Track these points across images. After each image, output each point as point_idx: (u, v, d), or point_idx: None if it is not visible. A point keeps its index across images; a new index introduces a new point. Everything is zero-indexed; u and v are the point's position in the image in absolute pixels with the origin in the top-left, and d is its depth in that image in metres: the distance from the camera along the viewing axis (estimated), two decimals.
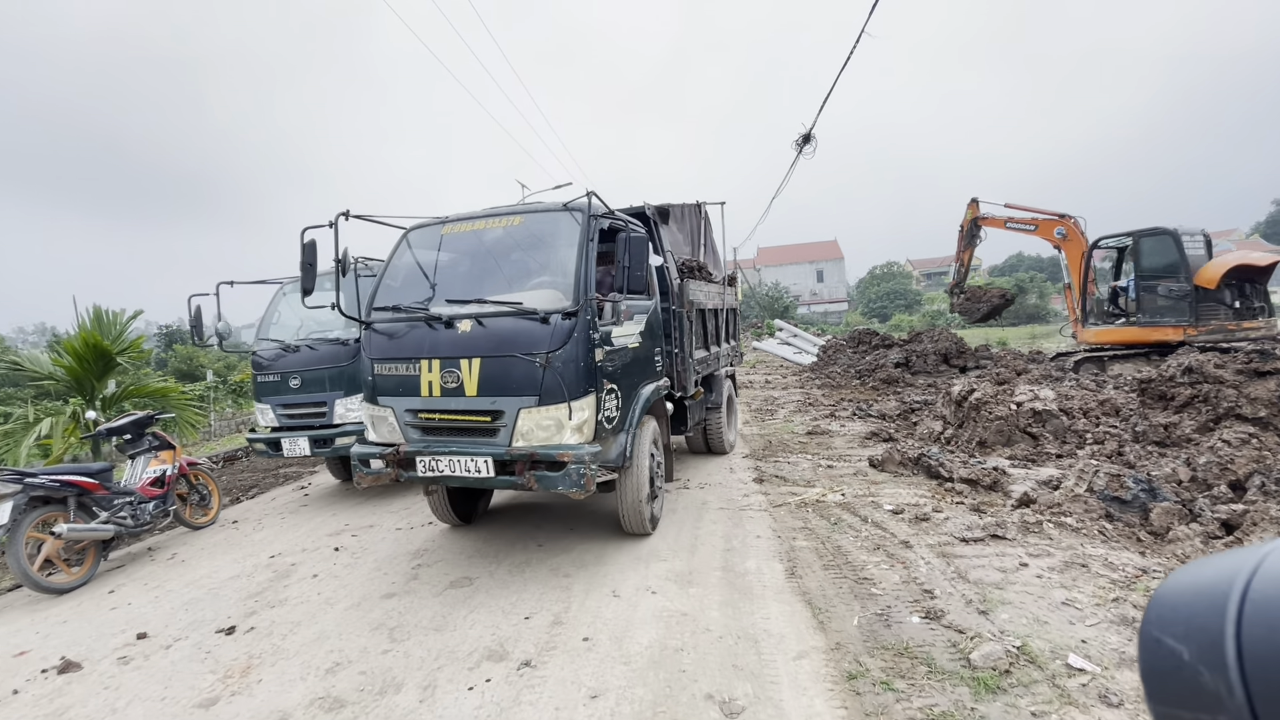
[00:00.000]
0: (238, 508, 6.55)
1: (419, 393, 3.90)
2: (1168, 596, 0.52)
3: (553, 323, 3.66)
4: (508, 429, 3.69)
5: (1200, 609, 0.47)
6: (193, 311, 6.18)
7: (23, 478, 4.28)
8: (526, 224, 4.25)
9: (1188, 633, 0.46)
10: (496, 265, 4.28)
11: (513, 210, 4.40)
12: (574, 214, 4.05)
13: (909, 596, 3.32)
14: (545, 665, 2.89)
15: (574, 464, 3.54)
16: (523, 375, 3.66)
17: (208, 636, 3.46)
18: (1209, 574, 0.49)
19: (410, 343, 3.98)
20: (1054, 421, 6.30)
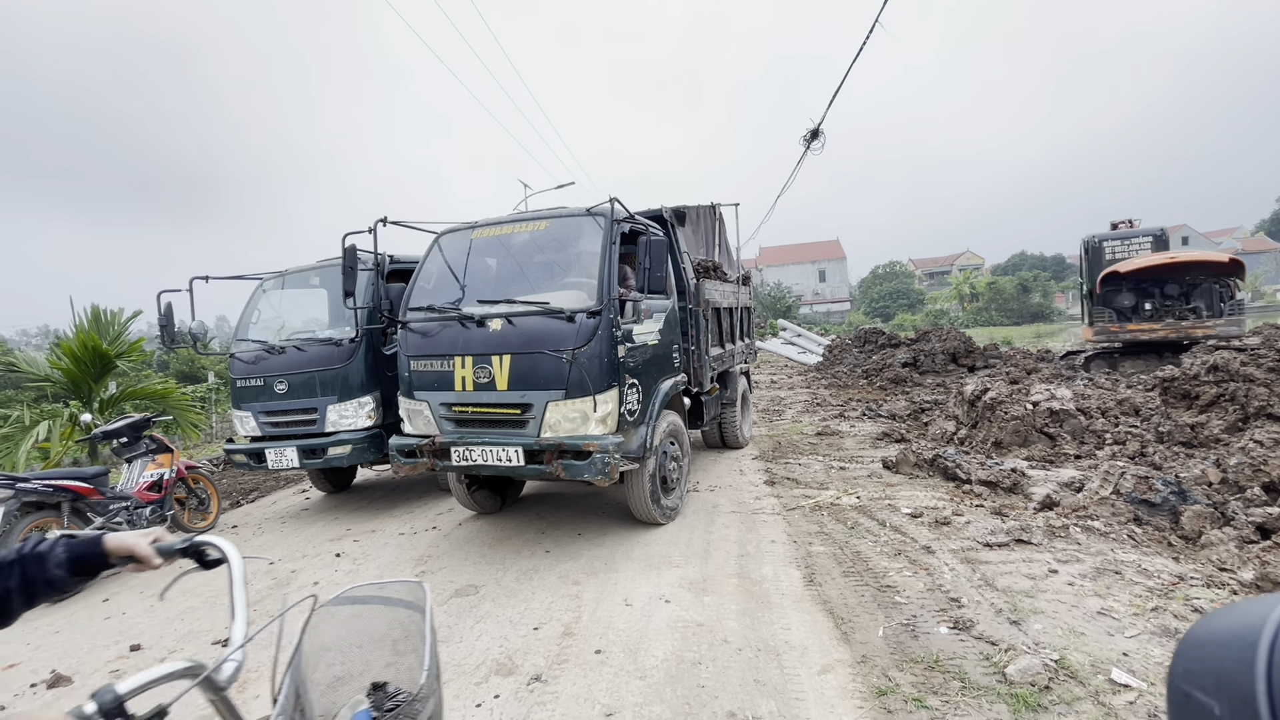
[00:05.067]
0: (237, 512, 6.42)
1: (453, 387, 4.16)
2: (1194, 647, 0.50)
3: (578, 321, 3.87)
4: (536, 421, 3.93)
5: (1229, 662, 0.45)
6: (163, 310, 5.56)
7: (14, 483, 4.16)
8: (552, 228, 4.47)
9: (1218, 687, 0.45)
10: (524, 267, 4.52)
11: (538, 215, 4.61)
12: (597, 219, 4.25)
13: (935, 605, 3.18)
14: (557, 680, 2.76)
15: (599, 453, 3.75)
16: (550, 370, 3.87)
17: (203, 649, 3.33)
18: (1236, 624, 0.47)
19: (444, 340, 4.23)
20: (1072, 421, 6.14)
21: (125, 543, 1.21)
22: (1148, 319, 10.56)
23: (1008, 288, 44.94)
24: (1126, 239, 11.01)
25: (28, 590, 1.15)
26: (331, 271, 5.96)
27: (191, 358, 23.11)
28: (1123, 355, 10.71)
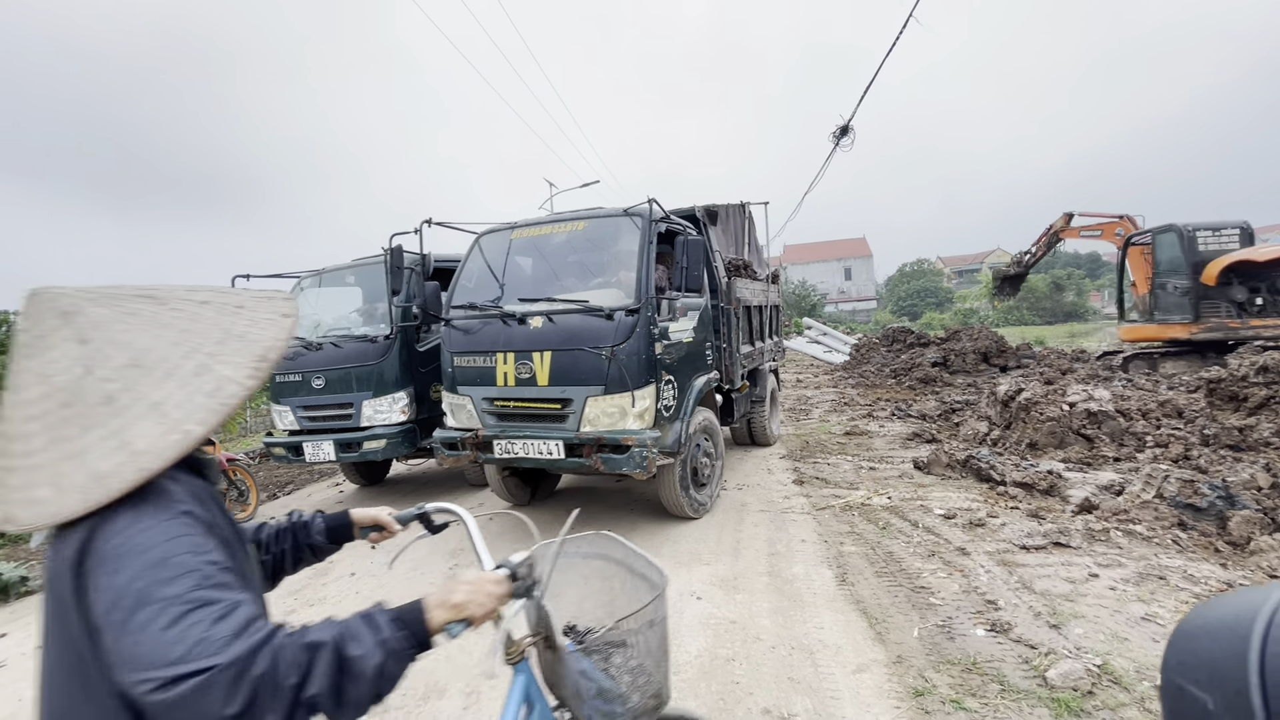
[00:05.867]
0: (274, 504, 6.60)
1: (495, 382, 4.30)
2: (1187, 640, 0.50)
3: (617, 319, 3.98)
4: (576, 415, 4.05)
5: (1221, 654, 0.45)
6: None
7: None
8: (590, 229, 4.60)
9: (1211, 680, 0.45)
10: (562, 266, 4.65)
11: (576, 216, 4.73)
12: (634, 219, 4.34)
13: (971, 607, 3.14)
14: None
15: (637, 447, 3.84)
16: (590, 367, 3.99)
17: None
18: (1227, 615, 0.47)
19: (486, 337, 4.37)
20: (1110, 423, 6.00)
21: (369, 514, 1.37)
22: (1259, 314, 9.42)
23: (1040, 286, 43.89)
24: (1217, 230, 10.35)
25: (296, 554, 1.29)
26: (367, 270, 6.10)
27: None
28: (1164, 356, 10.39)
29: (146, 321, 0.84)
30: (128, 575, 0.71)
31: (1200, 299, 9.86)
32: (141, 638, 0.69)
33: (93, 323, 0.81)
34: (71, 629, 0.76)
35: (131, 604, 0.70)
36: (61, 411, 0.78)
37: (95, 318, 0.82)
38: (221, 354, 0.85)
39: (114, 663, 0.71)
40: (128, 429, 0.79)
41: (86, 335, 0.80)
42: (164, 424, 0.80)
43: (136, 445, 0.78)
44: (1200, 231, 10.16)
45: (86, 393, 0.79)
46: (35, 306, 0.81)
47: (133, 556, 0.73)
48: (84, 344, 0.80)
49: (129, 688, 0.69)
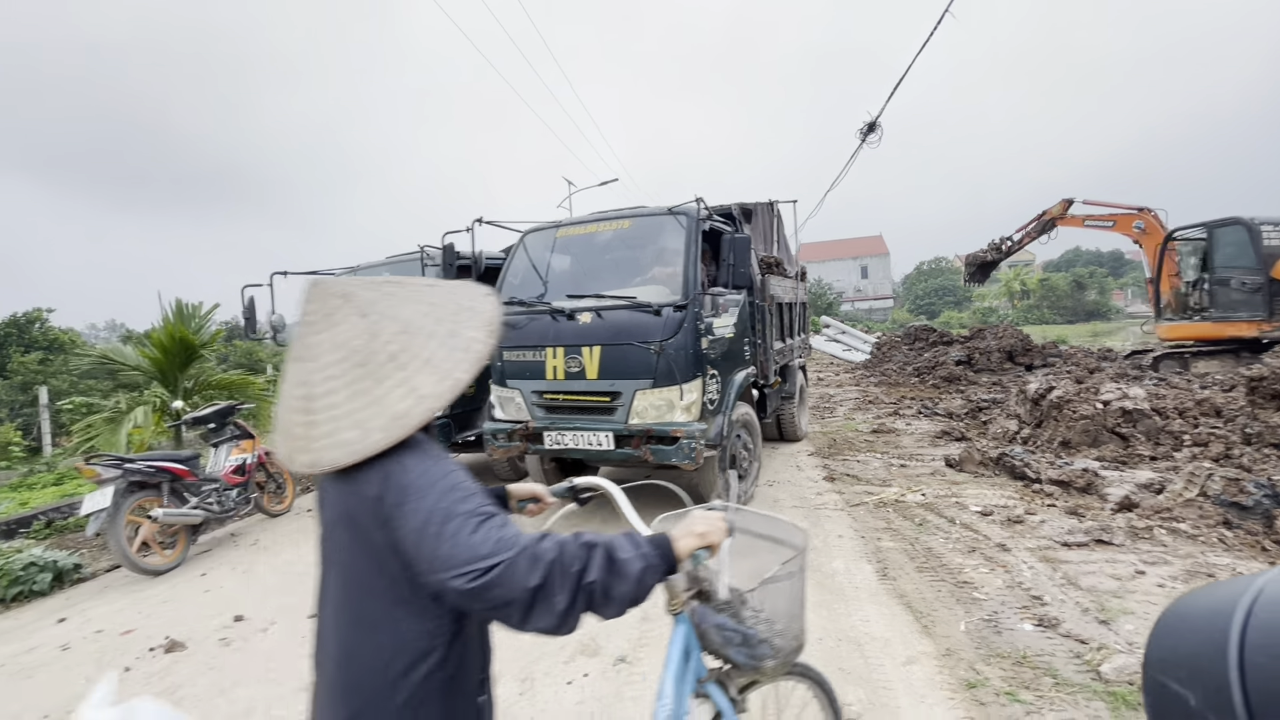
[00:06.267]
0: (309, 497, 6.71)
1: (544, 376, 4.43)
2: (1167, 634, 0.50)
3: (665, 314, 4.10)
4: (624, 408, 4.17)
5: (1200, 650, 0.45)
6: (246, 303, 6.06)
7: (122, 463, 4.46)
8: (635, 227, 4.74)
9: (1191, 676, 0.45)
10: (607, 263, 4.78)
11: (621, 214, 4.86)
12: (679, 217, 4.47)
13: (1016, 602, 3.15)
14: (641, 661, 2.84)
15: (686, 439, 3.96)
16: (638, 360, 4.11)
17: (300, 621, 3.52)
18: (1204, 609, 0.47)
19: (535, 332, 4.49)
20: (1146, 422, 5.93)
21: (526, 488, 1.51)
22: None
23: (1061, 285, 43.31)
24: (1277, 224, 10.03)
25: None
26: (401, 266, 6.20)
27: (250, 350, 24.16)
28: (1195, 355, 10.23)
29: (402, 300, 1.02)
30: (433, 498, 0.91)
31: (1274, 295, 9.39)
32: (456, 543, 0.87)
33: (367, 301, 0.99)
34: (376, 548, 0.94)
35: (441, 519, 0.89)
36: (358, 370, 0.95)
37: (367, 297, 1.00)
38: (461, 320, 1.04)
39: (428, 567, 0.89)
40: (412, 379, 0.96)
41: (365, 310, 0.98)
42: (437, 374, 0.98)
43: (421, 391, 0.96)
44: (1263, 225, 9.77)
45: (375, 353, 0.96)
46: (319, 291, 1.00)
47: (432, 485, 0.92)
48: (364, 317, 0.98)
49: (445, 584, 0.87)
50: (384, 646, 0.95)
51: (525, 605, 0.88)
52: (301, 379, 0.97)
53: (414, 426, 0.95)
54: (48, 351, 15.34)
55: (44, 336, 15.94)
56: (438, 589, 0.90)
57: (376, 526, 0.94)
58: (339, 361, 0.96)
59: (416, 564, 0.91)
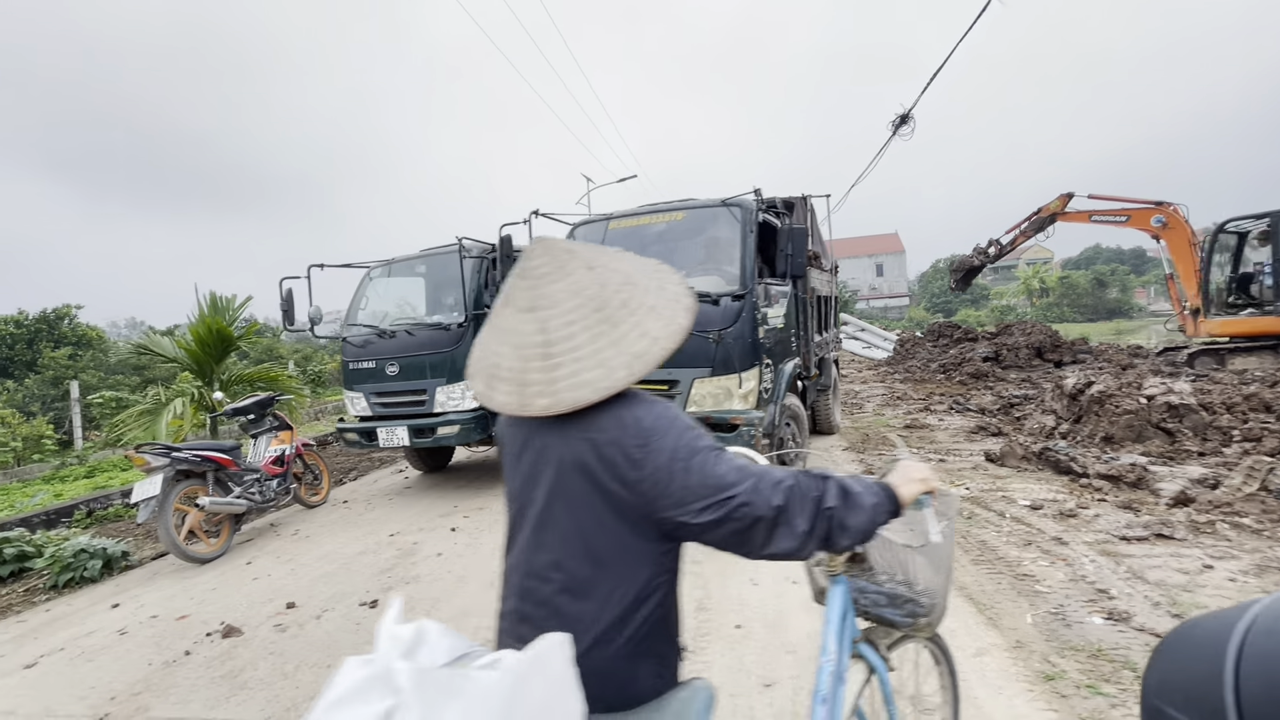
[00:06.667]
0: (342, 489, 6.76)
1: None
2: (1165, 661, 0.51)
3: (723, 304, 4.16)
4: (682, 396, 4.21)
5: (1197, 675, 0.45)
6: (284, 294, 6.08)
7: (170, 452, 4.50)
8: (689, 218, 4.78)
9: (1188, 701, 0.45)
10: (661, 254, 4.86)
11: (673, 206, 4.89)
12: (733, 209, 4.52)
13: (1081, 596, 3.08)
14: (705, 651, 2.81)
15: (745, 426, 4.01)
16: (696, 349, 4.17)
17: (353, 609, 3.53)
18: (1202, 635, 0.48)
19: None
20: (1193, 417, 5.81)
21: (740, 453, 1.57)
22: None
23: (1081, 282, 42.71)
24: None
25: None
26: (437, 259, 6.21)
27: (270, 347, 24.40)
28: (1232, 352, 10.01)
29: (614, 256, 1.10)
30: (674, 437, 0.97)
31: None
32: (705, 474, 0.94)
33: (591, 255, 1.07)
34: (609, 490, 0.98)
35: (686, 454, 0.96)
36: (596, 315, 1.01)
37: (589, 252, 1.07)
38: (663, 277, 1.12)
39: (674, 501, 0.95)
40: (642, 323, 1.02)
41: (591, 264, 1.05)
42: (663, 319, 1.04)
43: (653, 333, 1.02)
44: None
45: (609, 300, 1.02)
46: (546, 247, 1.06)
47: (671, 424, 0.99)
48: (591, 270, 1.04)
49: (694, 514, 0.94)
50: (616, 584, 1.00)
51: (770, 524, 0.95)
52: (538, 326, 1.01)
53: (652, 365, 1.00)
54: (76, 347, 15.60)
55: (73, 332, 16.20)
56: (678, 523, 0.96)
57: (612, 469, 0.98)
58: (578, 307, 1.01)
59: (661, 500, 0.96)
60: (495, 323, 1.08)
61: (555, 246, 1.07)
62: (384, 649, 0.84)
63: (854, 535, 1.01)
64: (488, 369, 1.06)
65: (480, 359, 1.08)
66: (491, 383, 1.04)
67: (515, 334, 1.03)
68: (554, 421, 1.02)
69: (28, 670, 3.16)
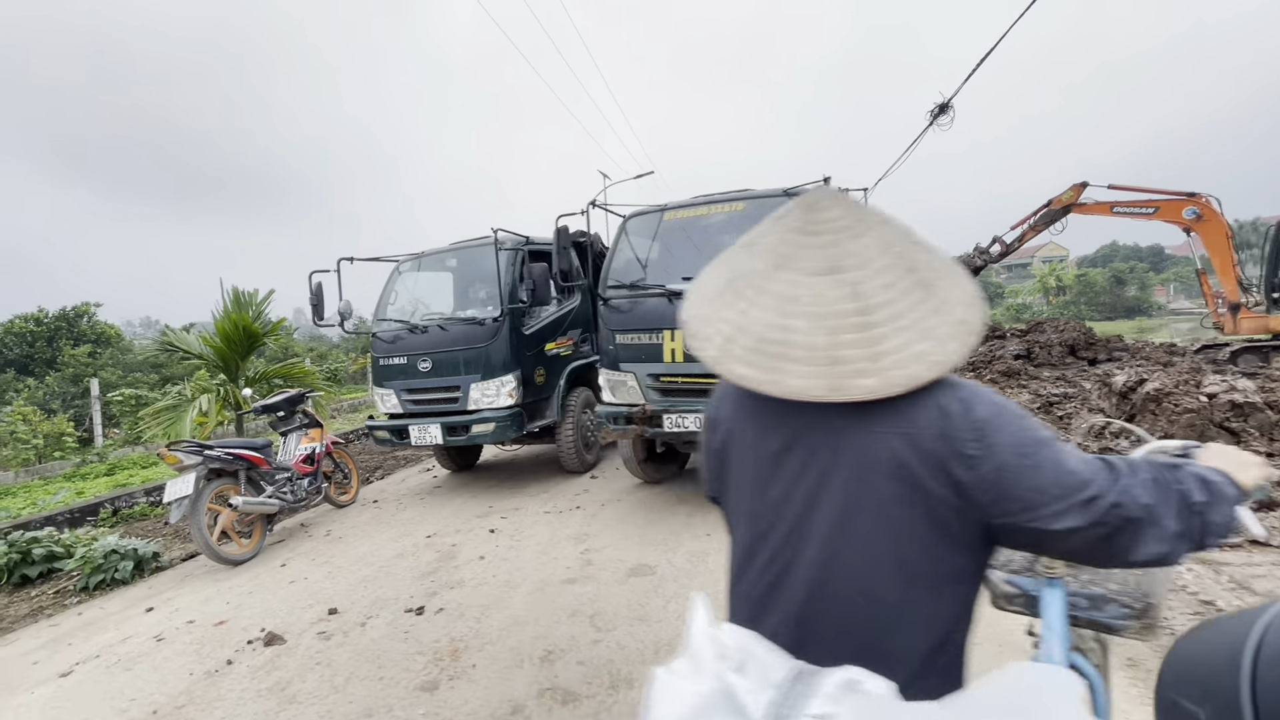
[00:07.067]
0: (370, 488, 6.61)
1: (662, 359, 4.41)
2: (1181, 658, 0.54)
3: None
4: None
5: (1214, 670, 0.47)
6: (314, 288, 5.94)
7: (202, 450, 4.35)
8: (749, 209, 4.62)
9: (1204, 694, 0.46)
10: (719, 245, 4.72)
11: (730, 197, 4.77)
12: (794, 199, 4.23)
13: (1185, 608, 2.86)
14: None
15: None
16: None
17: (399, 616, 3.36)
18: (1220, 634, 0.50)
19: (651, 315, 4.48)
20: (1258, 415, 5.56)
21: None
22: None
23: (1099, 280, 42.10)
24: None
25: None
26: (469, 252, 6.05)
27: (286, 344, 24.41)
28: (1276, 350, 9.70)
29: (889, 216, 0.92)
30: (1014, 428, 0.81)
31: None
32: (1058, 469, 0.79)
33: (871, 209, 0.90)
34: (929, 492, 0.82)
35: (1033, 447, 0.80)
36: (909, 275, 0.84)
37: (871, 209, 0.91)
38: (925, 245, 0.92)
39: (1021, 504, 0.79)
40: (952, 287, 0.86)
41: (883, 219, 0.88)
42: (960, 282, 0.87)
43: (964, 299, 0.85)
44: None
45: (916, 259, 0.85)
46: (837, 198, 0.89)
47: (1004, 411, 0.83)
48: (885, 224, 0.88)
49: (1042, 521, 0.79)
50: (933, 607, 0.84)
51: (1140, 525, 0.79)
52: (849, 291, 0.83)
53: (976, 335, 0.84)
54: (96, 344, 15.59)
55: (92, 330, 16.20)
56: (1024, 529, 0.81)
57: (938, 469, 0.81)
58: (891, 266, 0.84)
59: (1001, 504, 0.80)
60: (767, 289, 0.87)
61: (844, 196, 0.89)
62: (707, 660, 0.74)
63: (1217, 534, 0.82)
64: (767, 348, 0.85)
65: (743, 337, 0.87)
66: (777, 364, 0.84)
67: (811, 302, 0.83)
68: (843, 413, 0.84)
69: (63, 679, 3.01)
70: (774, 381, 0.84)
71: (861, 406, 0.83)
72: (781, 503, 0.90)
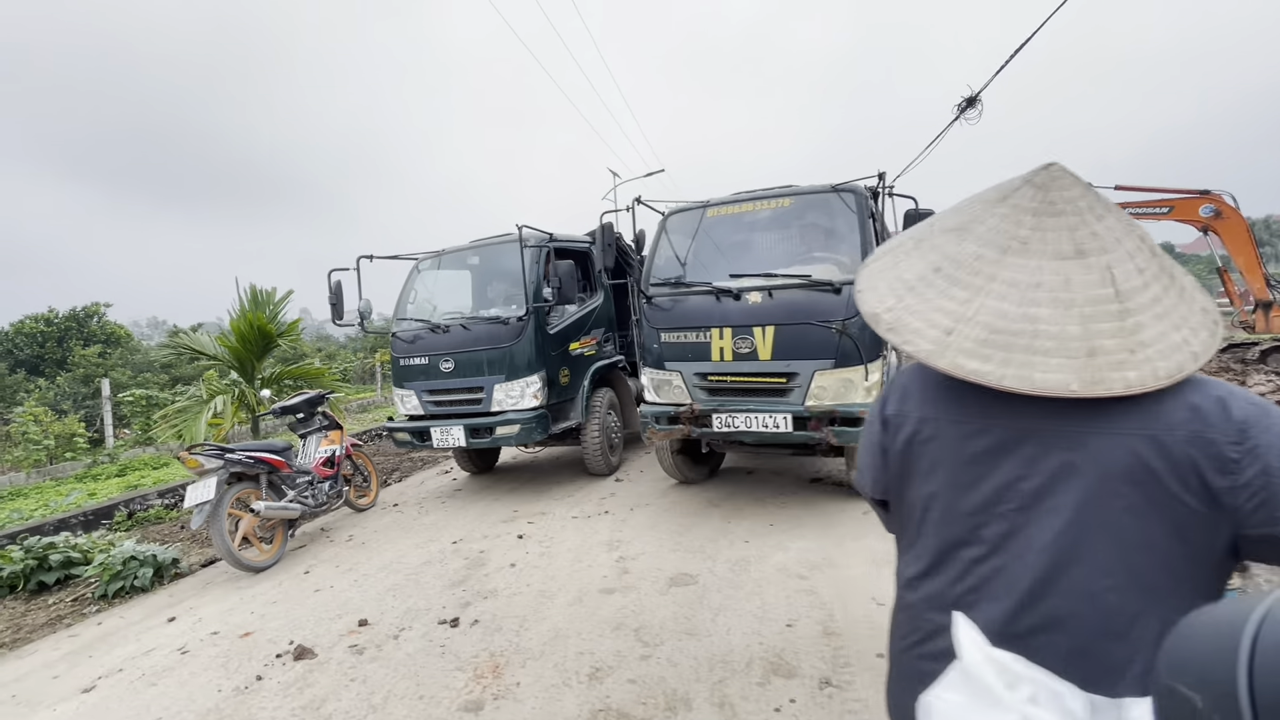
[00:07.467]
0: (389, 491, 6.48)
1: (709, 357, 4.30)
2: (1179, 646, 0.52)
3: (845, 293, 3.93)
4: (801, 389, 4.04)
5: (1211, 657, 0.46)
6: (333, 287, 5.79)
7: (223, 453, 4.22)
8: (796, 205, 4.56)
9: (1201, 681, 0.46)
10: (765, 243, 4.68)
11: (774, 193, 4.66)
12: (844, 195, 4.31)
13: None
14: (851, 685, 2.45)
15: None
16: (818, 340, 3.98)
17: (433, 628, 3.21)
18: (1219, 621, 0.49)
19: (698, 313, 4.37)
20: None
21: None
22: None
23: None
24: None
25: None
26: (490, 250, 5.91)
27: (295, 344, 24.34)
28: None
29: None
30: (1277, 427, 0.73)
31: None
32: None
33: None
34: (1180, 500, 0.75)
35: None
36: (1155, 259, 0.80)
37: None
38: None
39: None
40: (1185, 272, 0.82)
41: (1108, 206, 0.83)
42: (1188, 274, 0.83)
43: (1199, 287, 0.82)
44: None
45: (1153, 245, 0.79)
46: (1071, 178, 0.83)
47: (1267, 413, 0.75)
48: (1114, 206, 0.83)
49: None
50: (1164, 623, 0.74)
51: None
52: (1101, 276, 0.78)
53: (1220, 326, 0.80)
54: (106, 345, 15.53)
55: (102, 330, 16.14)
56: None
57: (1191, 474, 0.74)
58: (1139, 249, 0.79)
59: (1266, 510, 0.72)
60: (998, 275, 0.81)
61: (1077, 175, 0.83)
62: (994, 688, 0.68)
63: None
64: (1004, 339, 0.78)
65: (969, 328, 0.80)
66: (1021, 357, 0.77)
67: (1059, 288, 0.78)
68: (1078, 410, 0.77)
69: (86, 695, 2.88)
70: (1019, 376, 0.76)
71: (1100, 404, 0.76)
72: (991, 504, 0.83)
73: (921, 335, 0.83)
